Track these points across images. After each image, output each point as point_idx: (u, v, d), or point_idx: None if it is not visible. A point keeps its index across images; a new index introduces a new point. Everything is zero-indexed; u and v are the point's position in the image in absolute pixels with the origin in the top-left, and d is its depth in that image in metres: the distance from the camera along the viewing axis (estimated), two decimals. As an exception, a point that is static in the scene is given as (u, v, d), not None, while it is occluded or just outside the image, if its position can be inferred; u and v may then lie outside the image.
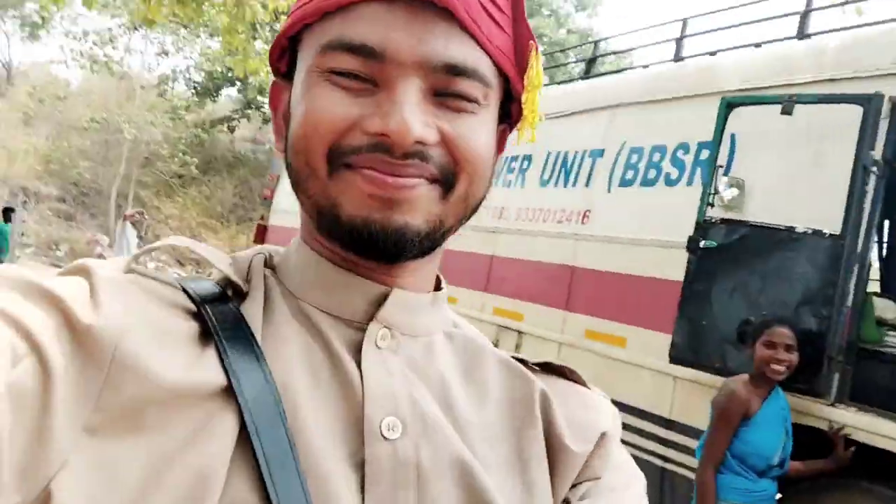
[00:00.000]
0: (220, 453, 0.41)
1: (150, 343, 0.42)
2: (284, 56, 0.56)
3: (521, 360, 0.59)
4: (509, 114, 0.57)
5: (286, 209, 8.47)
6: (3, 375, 0.37)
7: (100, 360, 0.40)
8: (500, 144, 0.58)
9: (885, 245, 4.39)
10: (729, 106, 3.15)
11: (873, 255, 3.26)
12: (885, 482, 2.72)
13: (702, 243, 3.07)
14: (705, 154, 3.44)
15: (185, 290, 0.49)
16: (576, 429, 0.55)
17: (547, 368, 0.59)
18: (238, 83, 18.02)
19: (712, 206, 3.13)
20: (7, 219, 9.50)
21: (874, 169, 2.81)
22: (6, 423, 0.36)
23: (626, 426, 3.88)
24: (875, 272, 4.05)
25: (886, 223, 4.46)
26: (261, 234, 9.14)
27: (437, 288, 0.57)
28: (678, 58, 4.18)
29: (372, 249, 0.49)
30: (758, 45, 3.79)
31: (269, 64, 0.58)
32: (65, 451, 0.38)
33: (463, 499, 0.47)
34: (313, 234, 0.54)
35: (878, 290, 3.92)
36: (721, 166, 3.20)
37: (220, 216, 17.99)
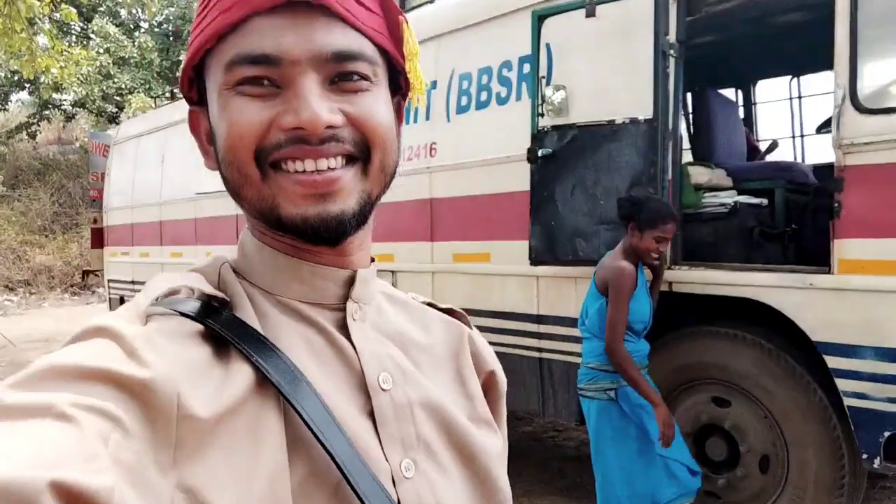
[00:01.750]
0: (276, 455, 0.50)
1: (201, 377, 0.49)
2: (194, 86, 0.62)
3: (430, 304, 0.73)
4: (399, 86, 0.65)
5: (121, 205, 8.00)
6: (105, 451, 0.42)
7: (167, 411, 0.46)
8: (399, 115, 0.67)
9: (690, 117, 4.94)
10: (540, 18, 3.39)
11: (682, 129, 3.69)
12: (722, 322, 3.19)
13: (539, 152, 3.34)
14: (528, 68, 3.69)
15: (187, 315, 0.53)
16: (487, 354, 0.74)
17: (449, 312, 0.74)
18: (28, 85, 16.35)
19: (542, 115, 3.40)
20: None
21: (671, 52, 3.15)
22: (125, 491, 0.41)
23: (502, 330, 4.18)
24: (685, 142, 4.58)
25: (689, 95, 5.01)
26: (98, 238, 8.58)
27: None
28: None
29: (317, 239, 0.57)
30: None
31: (181, 93, 0.64)
32: (167, 488, 0.44)
33: (439, 425, 0.62)
34: (267, 231, 0.61)
35: (690, 159, 4.46)
36: (543, 77, 3.46)
37: (41, 229, 16.48)
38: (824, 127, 3.87)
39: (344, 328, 0.61)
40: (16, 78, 15.57)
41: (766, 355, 3.02)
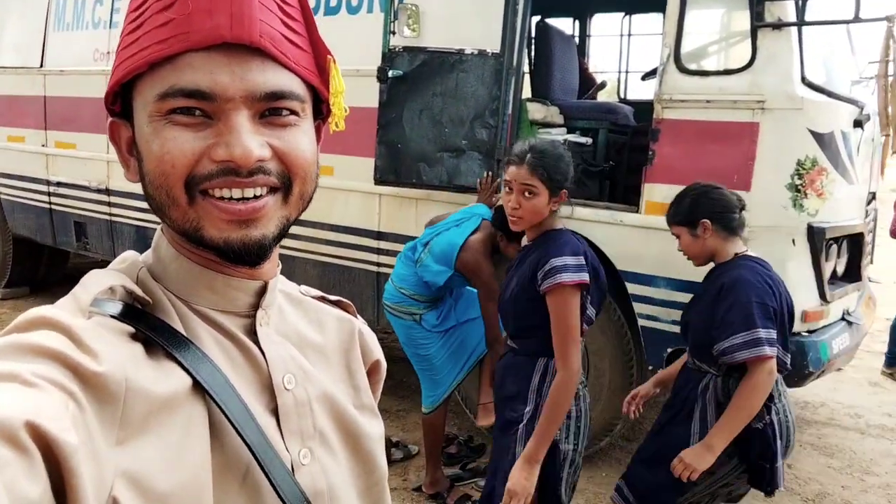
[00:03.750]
0: (202, 446, 0.57)
1: (139, 370, 0.55)
2: (118, 100, 0.64)
3: (322, 297, 0.79)
4: (321, 112, 0.70)
5: None
6: (67, 415, 0.47)
7: (116, 395, 0.52)
8: (318, 136, 0.70)
9: (532, 55, 5.13)
10: (396, -66, 3.30)
11: (524, 66, 3.85)
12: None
13: (390, 73, 3.34)
14: (381, -18, 3.60)
15: (123, 320, 0.58)
16: (373, 345, 0.82)
17: (337, 304, 0.81)
18: None
19: (394, 34, 3.38)
20: None
21: (521, -11, 3.25)
22: (82, 449, 0.47)
23: (343, 244, 4.22)
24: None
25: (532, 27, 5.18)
26: None
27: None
28: None
29: (238, 261, 0.62)
30: None
31: (104, 105, 0.65)
32: (111, 465, 0.50)
33: (331, 415, 0.71)
34: (185, 245, 0.64)
35: (529, 94, 4.68)
36: (397, -6, 3.40)
37: None
38: (649, 76, 4.22)
39: (251, 333, 0.67)
40: None
41: (578, 278, 3.39)
